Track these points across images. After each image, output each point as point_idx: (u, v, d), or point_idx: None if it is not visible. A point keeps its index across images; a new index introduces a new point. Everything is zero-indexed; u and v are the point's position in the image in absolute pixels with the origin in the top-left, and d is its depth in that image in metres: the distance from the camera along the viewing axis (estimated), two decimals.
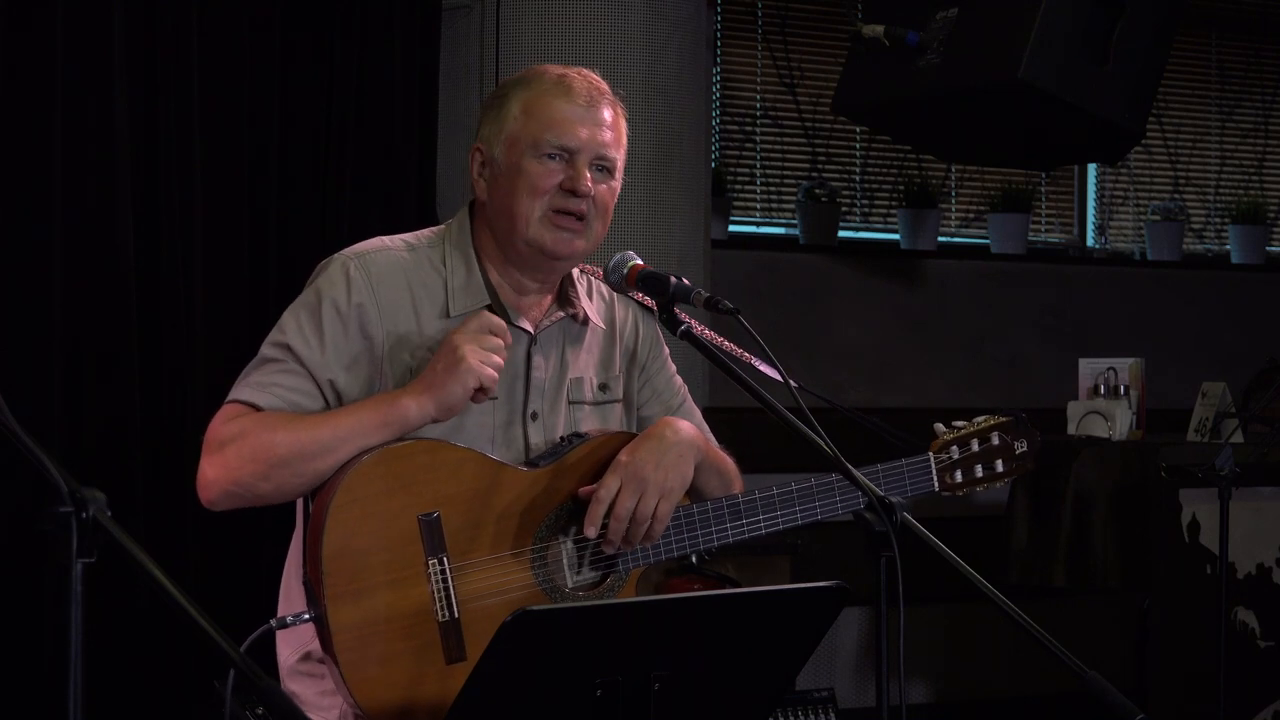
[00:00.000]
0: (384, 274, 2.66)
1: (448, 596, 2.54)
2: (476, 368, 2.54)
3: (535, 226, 2.66)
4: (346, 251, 2.70)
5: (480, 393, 2.57)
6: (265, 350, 2.65)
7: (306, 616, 2.51)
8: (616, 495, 2.63)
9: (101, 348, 4.57)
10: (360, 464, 2.52)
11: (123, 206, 4.58)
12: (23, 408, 2.02)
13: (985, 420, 2.96)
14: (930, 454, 2.89)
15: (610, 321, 2.84)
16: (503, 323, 2.62)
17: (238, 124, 4.83)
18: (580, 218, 2.67)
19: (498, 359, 2.57)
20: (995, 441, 2.94)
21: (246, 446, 2.55)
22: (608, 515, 2.63)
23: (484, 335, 2.58)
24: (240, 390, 2.62)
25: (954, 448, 2.91)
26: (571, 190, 2.65)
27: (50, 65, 4.49)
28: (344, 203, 4.98)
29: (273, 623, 2.52)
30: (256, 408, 2.59)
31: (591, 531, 2.63)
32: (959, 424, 2.94)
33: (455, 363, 2.54)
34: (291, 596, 2.66)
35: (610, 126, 2.70)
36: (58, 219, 4.50)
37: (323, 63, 4.98)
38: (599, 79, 2.74)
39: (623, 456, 2.66)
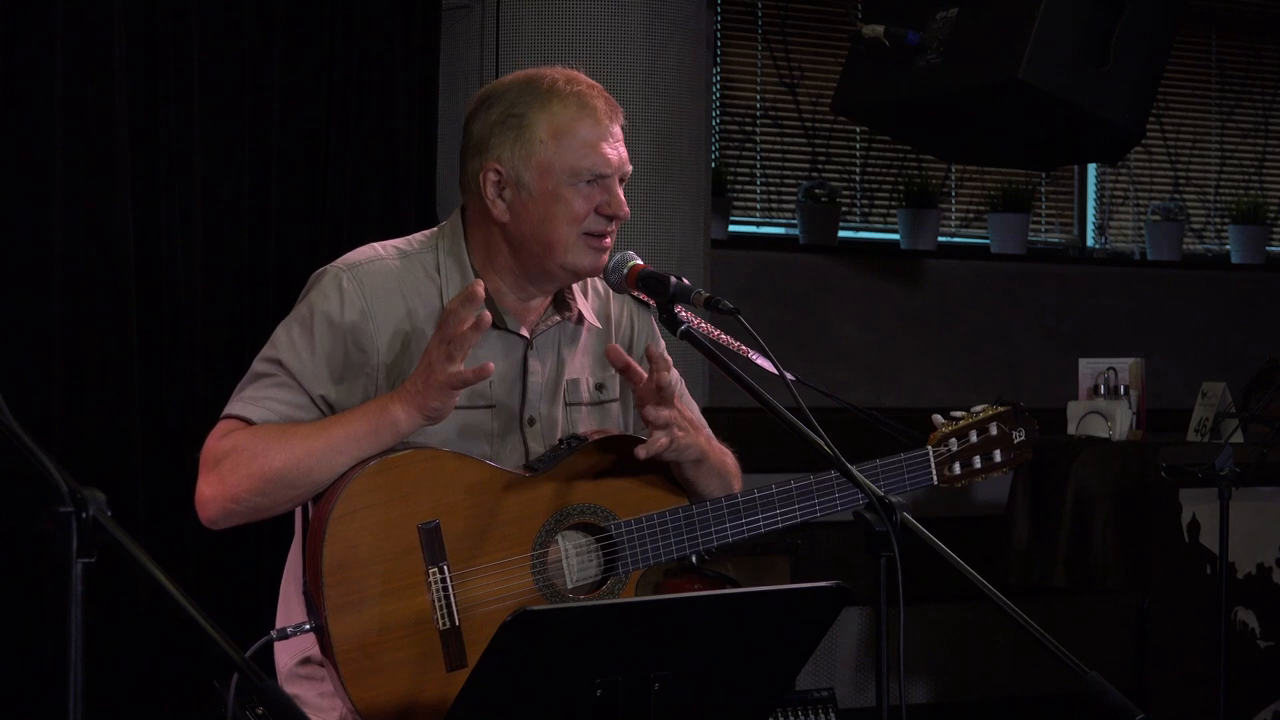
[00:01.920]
0: (377, 285, 2.64)
1: (448, 605, 2.54)
2: (440, 370, 2.49)
3: (573, 251, 2.65)
4: (339, 262, 2.68)
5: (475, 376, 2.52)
6: (257, 365, 2.64)
7: (307, 627, 2.51)
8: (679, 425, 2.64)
9: (101, 348, 4.57)
10: (359, 475, 2.52)
11: (123, 206, 4.58)
12: (23, 408, 2.02)
13: (983, 410, 2.95)
14: (929, 447, 2.88)
15: (605, 318, 2.83)
16: (472, 295, 2.51)
17: (238, 124, 4.84)
18: (610, 235, 2.68)
19: (459, 342, 2.48)
20: (993, 432, 2.94)
21: (241, 463, 2.54)
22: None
23: (447, 331, 2.50)
24: (234, 405, 2.61)
25: (952, 440, 2.90)
26: (610, 215, 2.66)
27: (50, 65, 4.49)
28: (344, 203, 4.99)
29: (273, 634, 2.52)
30: (250, 422, 2.58)
31: (662, 376, 2.63)
32: (957, 414, 2.93)
33: (424, 371, 2.52)
34: (290, 604, 2.65)
35: (623, 140, 2.71)
36: (58, 219, 4.50)
37: (323, 63, 4.98)
38: (597, 84, 2.73)
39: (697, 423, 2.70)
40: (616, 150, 2.67)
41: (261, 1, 4.89)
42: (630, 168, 2.71)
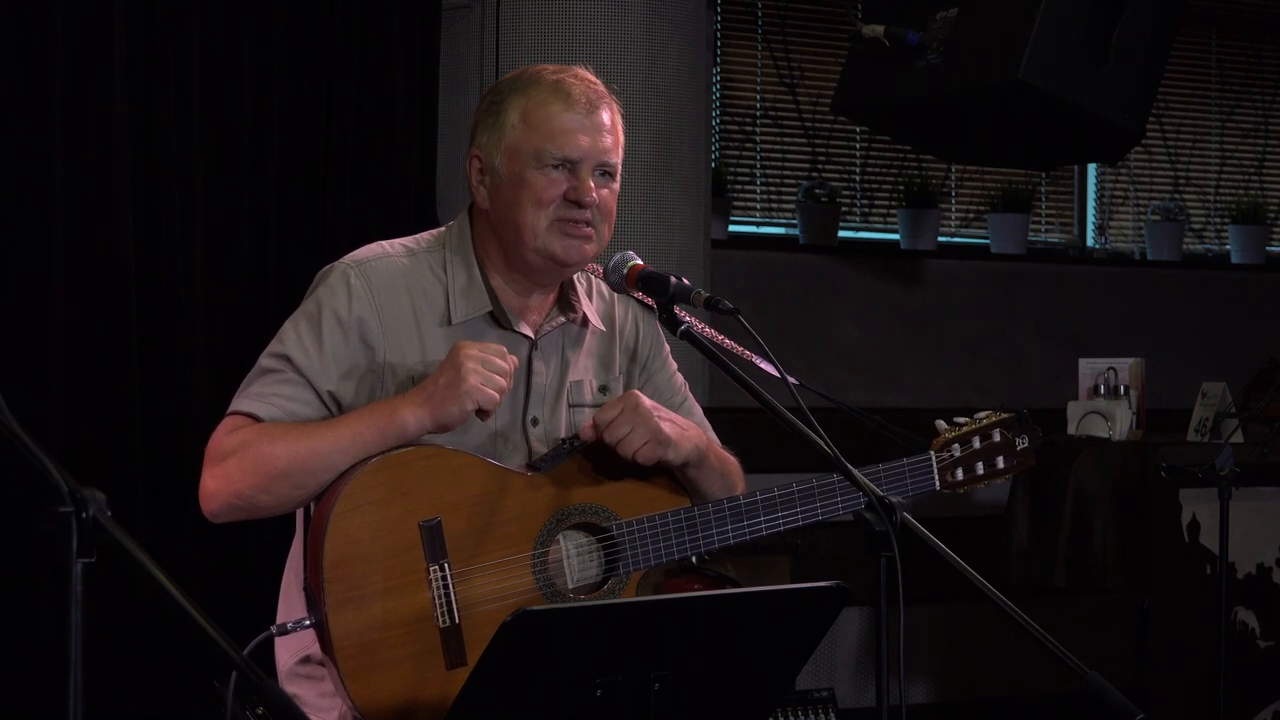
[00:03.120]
0: (384, 282, 2.65)
1: (448, 602, 2.54)
2: (476, 389, 2.53)
3: (544, 236, 2.65)
4: (346, 259, 2.69)
5: (481, 413, 2.57)
6: (264, 361, 2.64)
7: (307, 623, 2.51)
8: (612, 421, 2.62)
9: (102, 348, 4.57)
10: (360, 472, 2.52)
11: (123, 206, 4.58)
12: (23, 408, 2.02)
13: (987, 416, 2.95)
14: (932, 452, 2.88)
15: (610, 321, 2.83)
16: (513, 359, 2.61)
17: (238, 124, 4.84)
18: (587, 224, 2.66)
19: (502, 381, 2.56)
20: (996, 438, 2.94)
21: (247, 459, 2.54)
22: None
23: (491, 356, 2.57)
24: (240, 401, 2.61)
25: (955, 445, 2.90)
26: (576, 201, 2.64)
27: (50, 65, 4.49)
28: (344, 203, 4.99)
29: (273, 629, 2.52)
30: (257, 418, 2.59)
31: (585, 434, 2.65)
32: (960, 420, 2.93)
33: (457, 381, 2.53)
34: (291, 601, 2.66)
35: (610, 130, 2.68)
36: (58, 219, 4.50)
37: (323, 63, 4.98)
38: (593, 77, 2.72)
39: (633, 393, 2.67)
40: (591, 138, 2.65)
41: (261, 2, 4.89)
42: (615, 160, 2.69)
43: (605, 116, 2.68)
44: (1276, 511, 5.01)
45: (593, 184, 2.65)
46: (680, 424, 2.71)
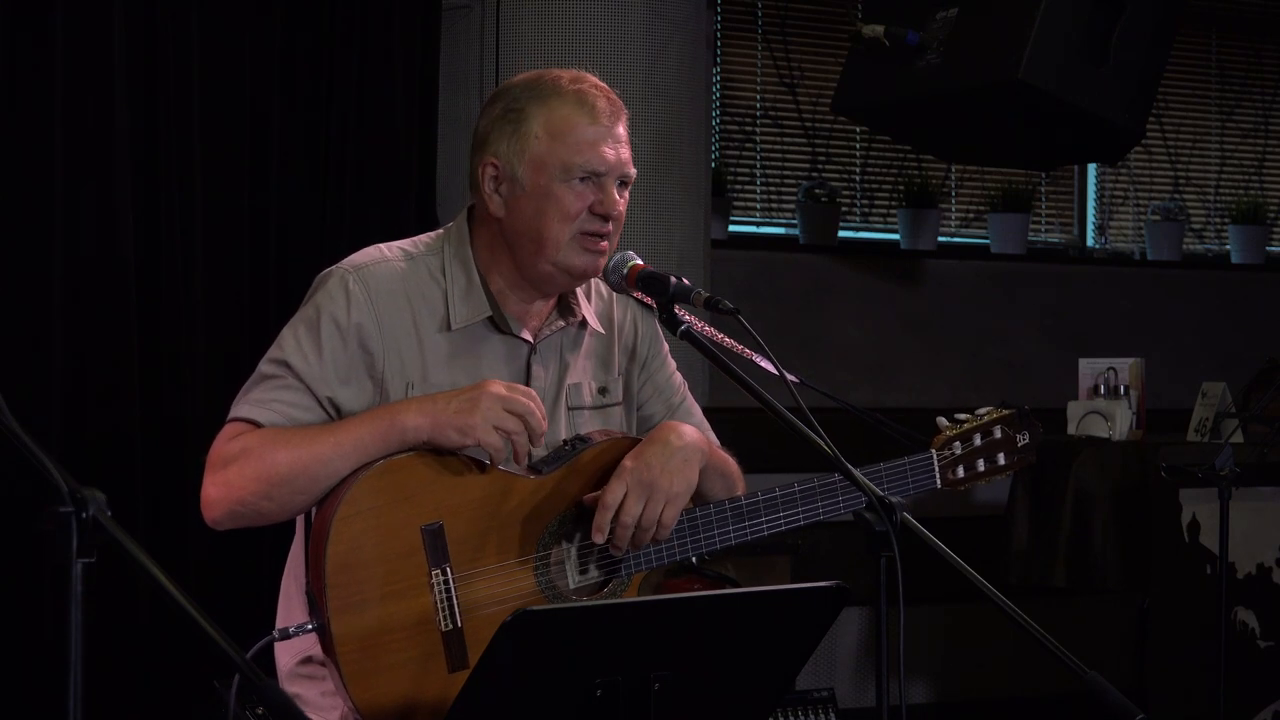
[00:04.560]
0: (383, 288, 2.64)
1: (450, 606, 2.53)
2: (480, 427, 2.52)
3: (565, 250, 2.64)
4: (345, 264, 2.68)
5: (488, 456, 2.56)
6: (264, 367, 2.63)
7: (309, 627, 2.50)
8: (623, 501, 2.62)
9: (101, 348, 4.57)
10: (363, 476, 2.52)
11: (123, 206, 4.58)
12: (23, 407, 2.02)
13: (988, 413, 2.95)
14: (933, 450, 2.88)
15: (609, 321, 2.83)
16: (541, 414, 2.59)
17: (238, 124, 4.84)
18: (606, 238, 2.67)
19: (513, 425, 2.54)
20: (997, 435, 2.94)
21: (249, 465, 2.54)
22: (615, 521, 2.62)
23: (515, 398, 2.55)
24: (240, 408, 2.61)
25: (956, 443, 2.90)
26: (603, 214, 2.64)
27: (50, 65, 4.49)
28: (344, 203, 4.98)
29: (275, 634, 2.52)
30: (257, 424, 2.58)
31: (599, 538, 2.62)
32: (961, 416, 2.93)
33: (467, 412, 2.52)
34: (291, 603, 2.65)
35: (626, 142, 2.69)
36: (58, 219, 4.50)
37: (323, 63, 4.98)
38: (604, 85, 2.73)
39: (628, 462, 2.64)
40: (615, 151, 2.65)
41: (261, 2, 4.89)
42: (633, 171, 2.69)
43: (622, 128, 2.69)
44: (1276, 511, 5.02)
45: (617, 196, 2.66)
46: (680, 430, 2.70)
